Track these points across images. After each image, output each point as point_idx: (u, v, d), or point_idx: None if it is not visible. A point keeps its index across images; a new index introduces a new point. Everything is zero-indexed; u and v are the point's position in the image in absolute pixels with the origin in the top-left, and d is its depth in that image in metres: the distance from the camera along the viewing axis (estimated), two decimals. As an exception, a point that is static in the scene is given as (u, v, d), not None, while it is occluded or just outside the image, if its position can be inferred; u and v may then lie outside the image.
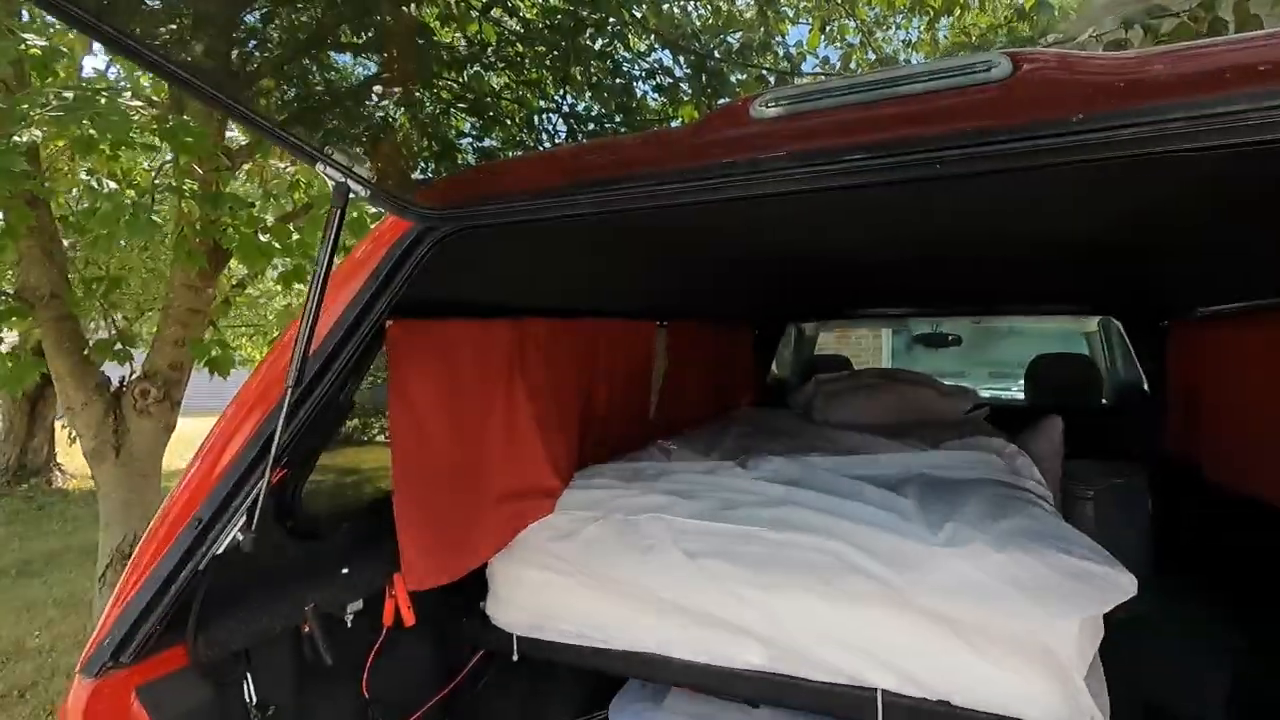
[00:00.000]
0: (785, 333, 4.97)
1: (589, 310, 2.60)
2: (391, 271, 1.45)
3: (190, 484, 1.39)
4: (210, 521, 1.31)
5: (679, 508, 1.92)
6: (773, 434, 3.34)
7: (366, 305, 1.44)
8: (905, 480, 2.27)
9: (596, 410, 2.64)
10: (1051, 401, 4.33)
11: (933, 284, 4.06)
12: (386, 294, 1.46)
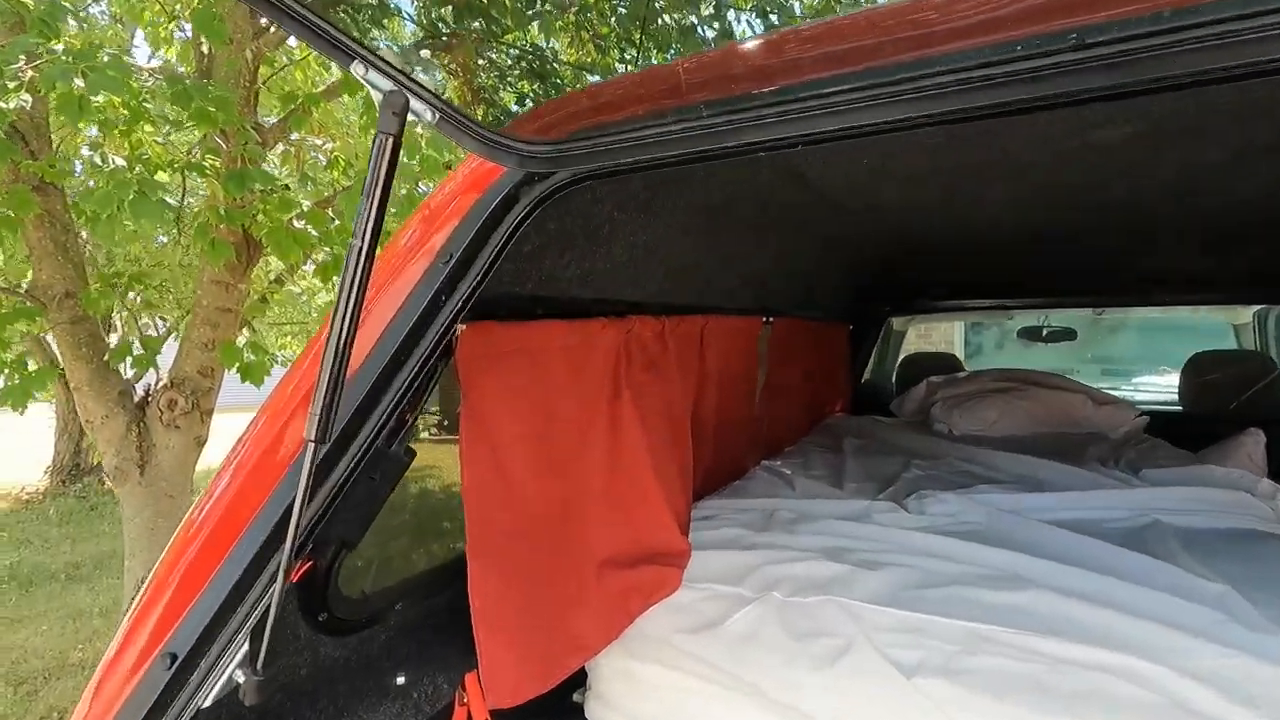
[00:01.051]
0: (881, 329, 4.34)
1: (693, 304, 2.05)
2: (474, 245, 0.92)
3: (163, 583, 0.88)
4: (190, 659, 0.80)
5: (861, 584, 1.35)
6: (900, 453, 2.74)
7: (433, 301, 0.91)
8: (1146, 532, 1.66)
9: (705, 429, 2.09)
10: (1217, 408, 3.62)
11: (1071, 263, 3.41)
12: (465, 282, 0.93)
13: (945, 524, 1.74)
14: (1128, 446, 2.76)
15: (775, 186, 1.88)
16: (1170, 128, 1.56)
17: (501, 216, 0.94)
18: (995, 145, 1.57)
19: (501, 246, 0.94)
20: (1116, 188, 2.12)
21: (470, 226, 0.94)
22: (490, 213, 0.94)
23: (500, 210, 0.94)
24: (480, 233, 0.93)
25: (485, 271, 0.93)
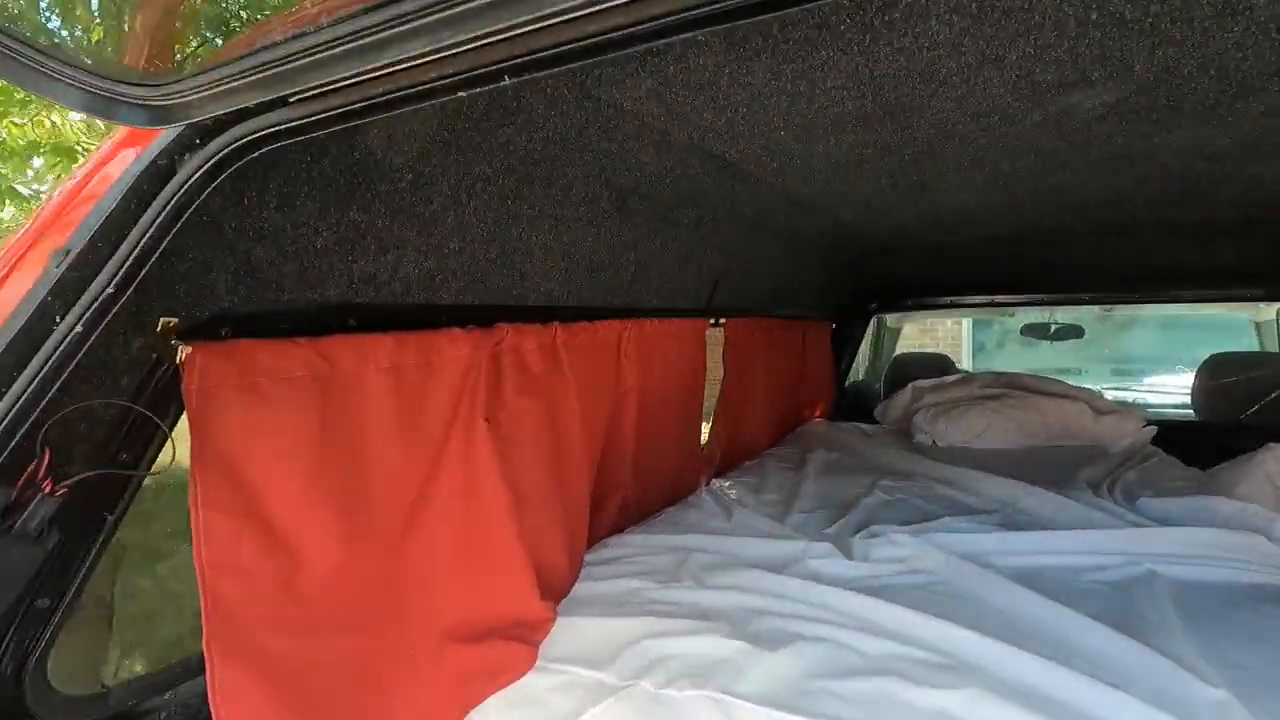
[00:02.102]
0: (868, 326, 4.02)
1: (608, 306, 1.76)
2: (122, 233, 0.64)
3: None
4: None
5: (755, 671, 1.06)
6: (870, 470, 2.43)
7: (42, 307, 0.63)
8: (1136, 590, 1.35)
9: (629, 450, 1.80)
10: (1233, 416, 3.28)
11: (1072, 259, 3.09)
12: (101, 284, 0.65)
13: (889, 576, 1.44)
14: (1130, 464, 2.43)
15: (702, 174, 1.59)
16: (1146, 108, 1.26)
17: (163, 184, 0.66)
18: (933, 125, 1.27)
19: (167, 215, 0.66)
20: (1100, 180, 1.82)
21: (130, 192, 0.65)
22: (156, 175, 0.66)
23: (163, 174, 0.65)
24: (130, 213, 0.65)
25: (131, 273, 0.65)
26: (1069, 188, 1.94)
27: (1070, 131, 1.44)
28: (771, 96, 1.08)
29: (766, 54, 0.90)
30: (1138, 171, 1.77)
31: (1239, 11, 0.89)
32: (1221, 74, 1.11)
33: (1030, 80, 1.11)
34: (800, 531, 1.75)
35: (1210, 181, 1.86)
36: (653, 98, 1.05)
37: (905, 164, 1.61)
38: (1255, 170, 1.74)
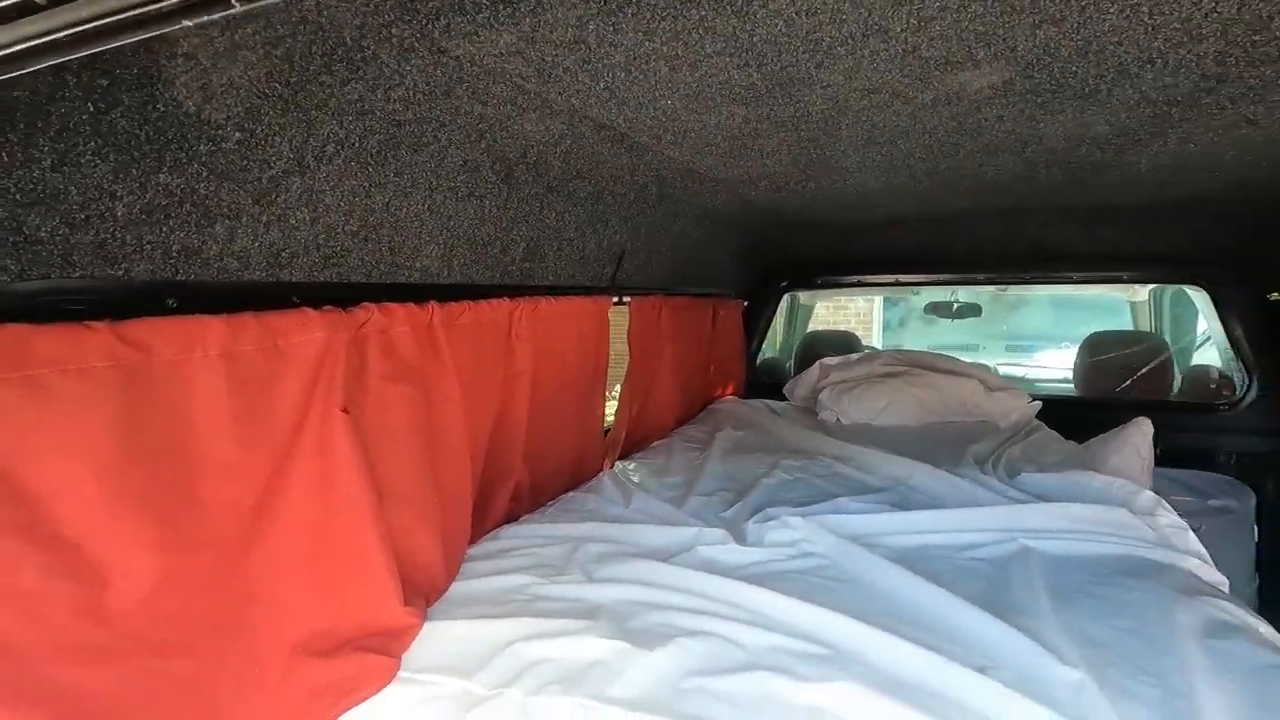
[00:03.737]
0: (779, 303, 4.04)
1: (499, 284, 1.66)
2: None
3: None
4: None
5: (631, 672, 1.01)
6: (773, 449, 2.44)
7: None
8: (1011, 566, 1.39)
9: (520, 434, 1.72)
10: (1111, 392, 3.50)
11: (971, 241, 3.19)
12: None
13: (780, 561, 1.43)
14: (1016, 439, 2.55)
15: (595, 144, 1.49)
16: (1031, 91, 1.26)
17: None
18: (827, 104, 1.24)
19: None
20: (993, 164, 1.85)
21: None
22: None
23: None
24: None
25: None
26: (964, 171, 1.97)
27: (961, 114, 1.43)
28: (650, 60, 1.00)
29: (632, 8, 0.82)
30: (1026, 156, 1.80)
31: (1110, -7, 0.87)
32: (1099, 57, 1.11)
33: (918, 56, 1.08)
34: (697, 516, 1.73)
35: (1092, 168, 1.92)
36: (516, 55, 0.95)
37: (803, 140, 1.57)
38: (1131, 158, 1.81)
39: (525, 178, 1.55)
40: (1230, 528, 2.63)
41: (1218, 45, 1.04)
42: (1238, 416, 2.99)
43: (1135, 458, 2.45)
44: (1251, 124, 1.48)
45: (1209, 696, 0.91)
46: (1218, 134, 1.56)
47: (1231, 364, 3.13)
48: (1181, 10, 0.92)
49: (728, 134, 1.46)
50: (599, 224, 1.99)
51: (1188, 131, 1.55)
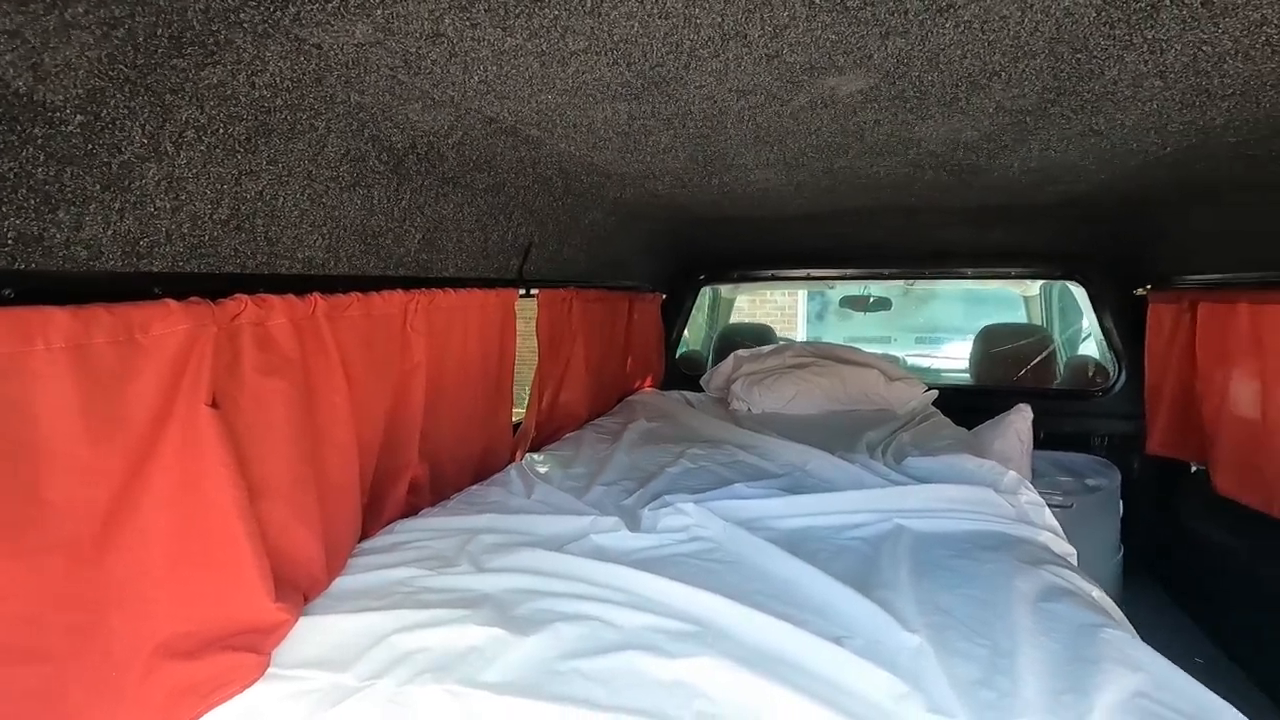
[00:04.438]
0: (697, 297, 4.12)
1: (392, 275, 1.64)
2: None
3: None
4: None
5: (504, 658, 1.03)
6: (683, 439, 2.50)
7: None
8: (882, 544, 1.48)
9: (409, 426, 1.70)
10: (1003, 381, 3.75)
11: (874, 237, 3.34)
12: None
13: (670, 546, 1.48)
14: (909, 425, 2.69)
15: (487, 137, 1.49)
16: (897, 97, 1.34)
17: None
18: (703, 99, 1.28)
19: None
20: (882, 165, 1.95)
21: None
22: None
23: None
24: None
25: None
26: (857, 171, 2.06)
27: (840, 116, 1.50)
28: (518, 56, 1.01)
29: (484, 4, 0.83)
30: (910, 158, 1.91)
31: (945, 10, 0.94)
32: (950, 69, 1.19)
33: (783, 61, 1.13)
34: (597, 505, 1.76)
35: (971, 170, 2.04)
36: (377, 46, 0.95)
37: (694, 138, 1.62)
38: (1003, 162, 1.93)
39: (417, 169, 1.53)
40: (1101, 504, 2.87)
41: (1049, 61, 1.14)
42: (1109, 402, 3.25)
43: (1016, 441, 2.64)
44: (1097, 134, 1.61)
45: (1028, 653, 1.00)
46: (1071, 142, 1.69)
47: (1107, 355, 3.41)
48: (1009, 28, 1.00)
49: (617, 129, 1.48)
50: (502, 216, 1.99)
51: (1045, 139, 1.67)
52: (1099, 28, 0.98)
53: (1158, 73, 1.16)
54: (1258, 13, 0.90)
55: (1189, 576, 2.88)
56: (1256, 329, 2.14)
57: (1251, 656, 2.42)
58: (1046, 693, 0.92)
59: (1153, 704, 0.92)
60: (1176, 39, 1.00)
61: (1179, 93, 1.27)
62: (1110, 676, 0.95)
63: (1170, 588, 2.99)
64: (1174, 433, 2.72)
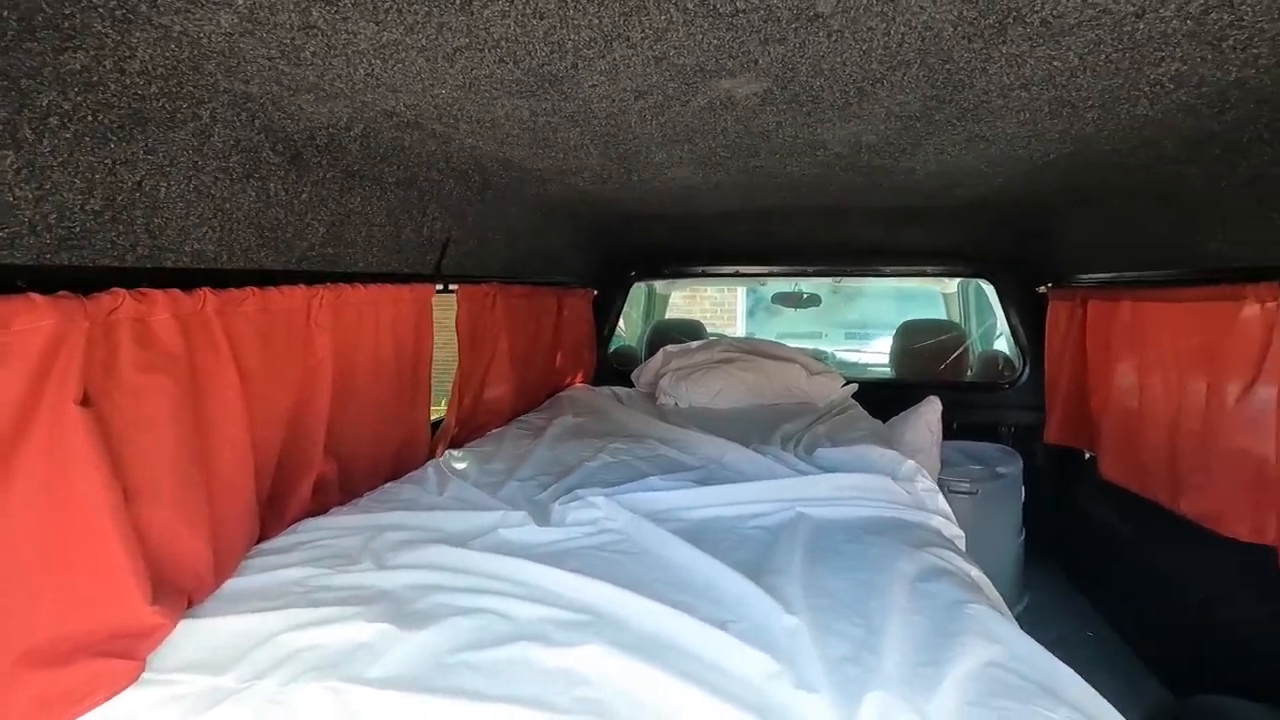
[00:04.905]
0: (630, 293, 4.15)
1: (293, 270, 1.60)
2: None
3: None
4: None
5: (392, 653, 1.03)
6: (606, 434, 2.53)
7: None
8: (782, 532, 1.54)
9: (313, 424, 1.66)
10: (921, 375, 3.91)
11: (798, 236, 3.44)
12: None
13: (576, 539, 1.50)
14: (826, 418, 2.79)
15: (391, 130, 1.48)
16: (793, 101, 1.39)
17: None
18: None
19: None
20: (794, 165, 2.01)
21: None
22: None
23: None
24: None
25: None
26: (772, 170, 2.11)
27: (744, 118, 1.54)
28: (400, 50, 1.01)
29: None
30: (819, 159, 1.97)
31: (814, 19, 0.99)
32: (835, 75, 1.24)
33: (672, 63, 1.16)
34: (509, 501, 1.76)
35: (879, 171, 2.13)
36: (249, 35, 0.93)
37: (601, 136, 1.63)
38: (906, 164, 2.02)
39: (317, 161, 1.50)
40: (1005, 490, 3.04)
41: (923, 71, 1.20)
42: (1015, 394, 3.44)
43: (926, 432, 2.77)
44: (984, 140, 1.70)
45: (896, 630, 1.07)
46: (962, 147, 1.78)
47: (1014, 350, 3.59)
48: (878, 39, 1.06)
49: (522, 125, 1.49)
50: (415, 211, 1.96)
51: (939, 144, 1.75)
52: (958, 41, 1.04)
53: (1021, 84, 1.23)
54: (1093, 33, 0.98)
55: (1083, 557, 3.07)
56: (1135, 325, 2.30)
57: (1135, 631, 2.60)
58: (906, 665, 0.98)
59: (1003, 673, 0.99)
60: (1029, 54, 1.08)
61: (1046, 103, 1.36)
62: (967, 648, 1.02)
63: (1067, 567, 3.19)
64: (1069, 422, 2.90)
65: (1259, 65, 1.09)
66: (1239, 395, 1.77)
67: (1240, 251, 1.84)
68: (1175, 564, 2.34)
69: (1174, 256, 2.14)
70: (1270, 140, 1.49)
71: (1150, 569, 2.51)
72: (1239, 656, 1.99)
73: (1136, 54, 1.06)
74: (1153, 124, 1.48)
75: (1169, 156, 1.72)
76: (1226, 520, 1.82)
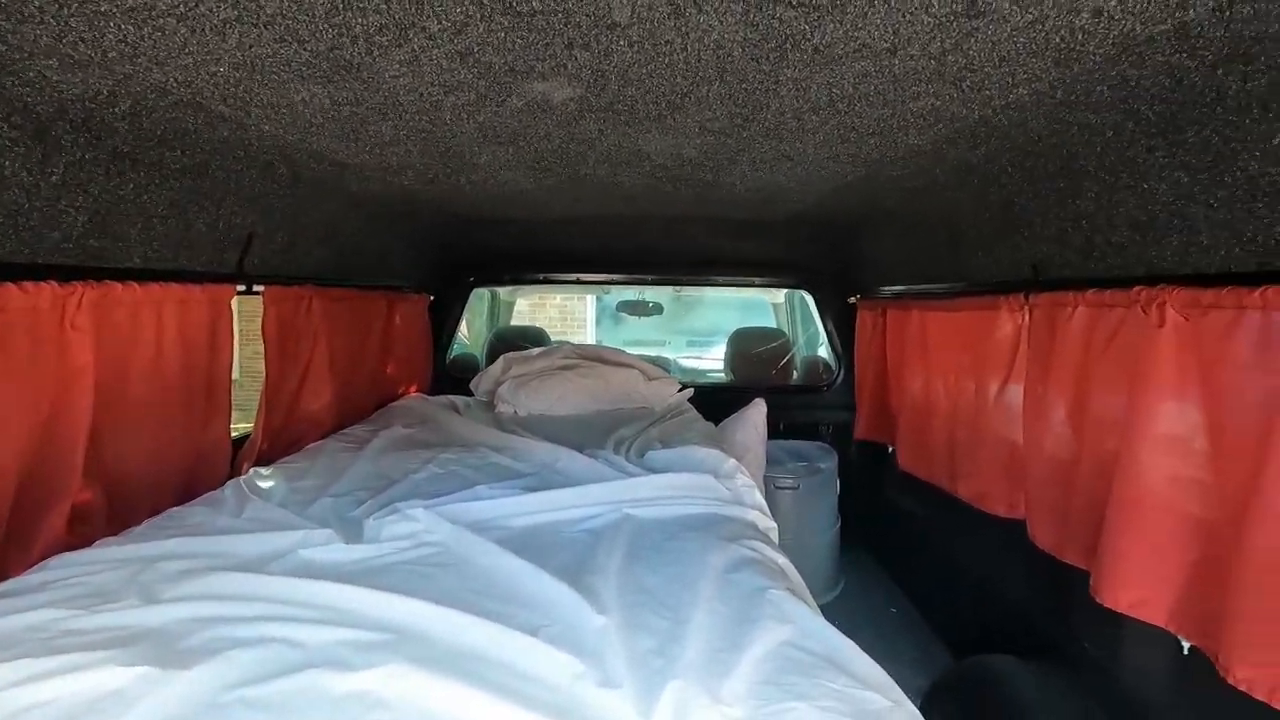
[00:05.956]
0: (470, 299, 4.03)
1: (33, 265, 1.38)
2: None
3: None
4: None
5: (152, 697, 0.91)
6: (435, 445, 2.42)
7: None
8: (606, 534, 1.55)
9: (67, 444, 1.44)
10: (752, 379, 4.15)
11: (637, 246, 3.52)
12: None
13: (390, 555, 1.41)
14: (660, 421, 2.87)
15: (168, 109, 1.31)
16: (607, 108, 1.42)
17: None
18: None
19: None
20: (624, 174, 2.05)
21: None
22: None
23: None
24: None
25: None
26: (603, 178, 2.14)
27: (565, 122, 1.54)
28: (154, 16, 0.90)
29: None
30: (646, 170, 2.02)
31: (612, 27, 1.01)
32: (643, 85, 1.27)
33: (478, 60, 1.13)
34: (318, 518, 1.63)
35: (705, 185, 2.22)
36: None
37: (417, 132, 1.57)
38: (727, 179, 2.13)
39: (72, 139, 1.30)
40: (823, 483, 3.30)
41: (725, 88, 1.27)
42: (832, 395, 3.75)
43: (753, 432, 2.93)
44: (790, 159, 1.84)
45: (701, 620, 1.11)
46: (772, 165, 1.91)
47: (831, 355, 3.93)
48: (676, 53, 1.10)
49: (324, 114, 1.39)
50: (209, 203, 1.77)
51: (752, 160, 1.87)
52: (749, 62, 1.12)
53: (810, 108, 1.35)
54: (859, 64, 1.09)
55: (889, 541, 3.41)
56: (922, 333, 2.60)
57: (929, 605, 2.93)
58: (707, 652, 1.02)
59: (794, 650, 1.06)
60: (810, 79, 1.18)
61: (835, 128, 1.49)
62: (764, 631, 1.09)
63: (877, 551, 3.52)
64: (874, 420, 3.21)
65: (993, 105, 1.27)
66: (997, 392, 2.05)
67: (998, 268, 2.14)
68: (959, 543, 2.66)
69: (950, 272, 2.45)
70: (1014, 173, 1.75)
71: (940, 548, 2.84)
72: (1005, 619, 2.30)
73: (898, 87, 1.19)
74: (924, 154, 1.68)
75: (941, 183, 1.97)
76: (990, 500, 2.10)
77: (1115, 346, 1.52)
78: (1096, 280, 1.62)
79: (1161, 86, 1.12)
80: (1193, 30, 0.92)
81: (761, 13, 0.93)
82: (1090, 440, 1.62)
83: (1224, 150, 1.16)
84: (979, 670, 2.01)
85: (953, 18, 0.90)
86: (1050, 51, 1.00)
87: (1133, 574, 1.40)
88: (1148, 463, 1.39)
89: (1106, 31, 0.93)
